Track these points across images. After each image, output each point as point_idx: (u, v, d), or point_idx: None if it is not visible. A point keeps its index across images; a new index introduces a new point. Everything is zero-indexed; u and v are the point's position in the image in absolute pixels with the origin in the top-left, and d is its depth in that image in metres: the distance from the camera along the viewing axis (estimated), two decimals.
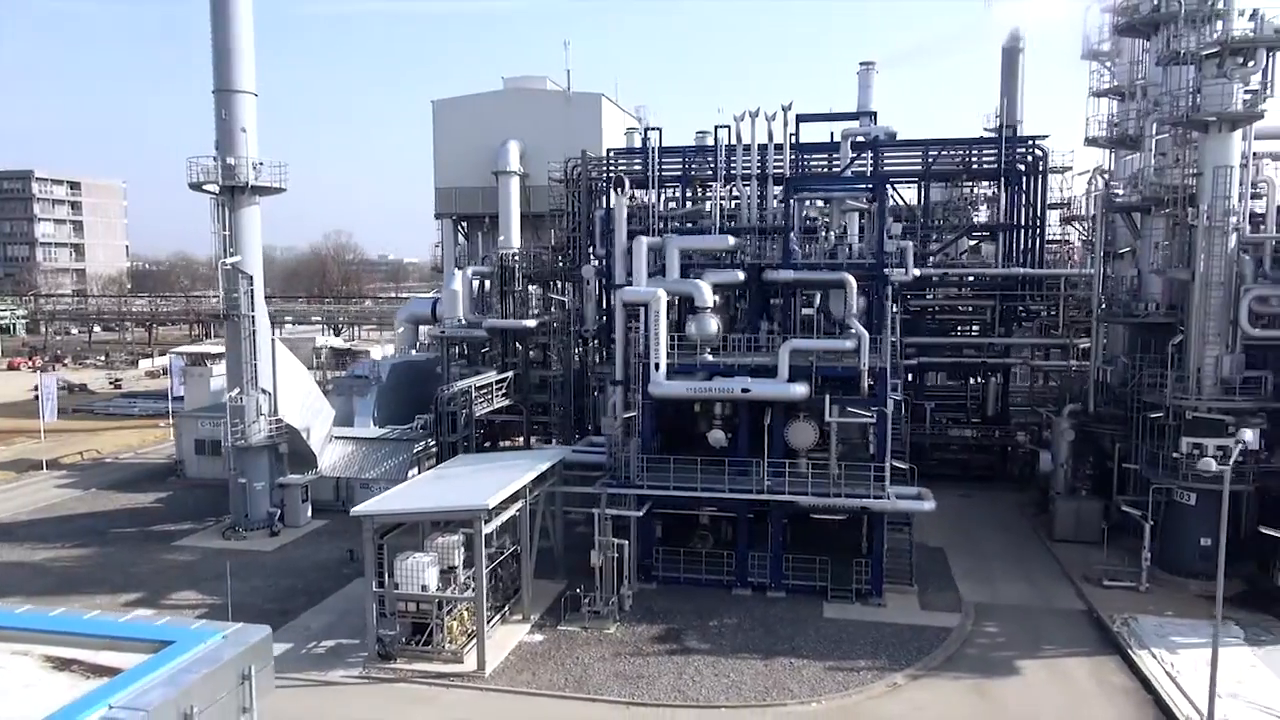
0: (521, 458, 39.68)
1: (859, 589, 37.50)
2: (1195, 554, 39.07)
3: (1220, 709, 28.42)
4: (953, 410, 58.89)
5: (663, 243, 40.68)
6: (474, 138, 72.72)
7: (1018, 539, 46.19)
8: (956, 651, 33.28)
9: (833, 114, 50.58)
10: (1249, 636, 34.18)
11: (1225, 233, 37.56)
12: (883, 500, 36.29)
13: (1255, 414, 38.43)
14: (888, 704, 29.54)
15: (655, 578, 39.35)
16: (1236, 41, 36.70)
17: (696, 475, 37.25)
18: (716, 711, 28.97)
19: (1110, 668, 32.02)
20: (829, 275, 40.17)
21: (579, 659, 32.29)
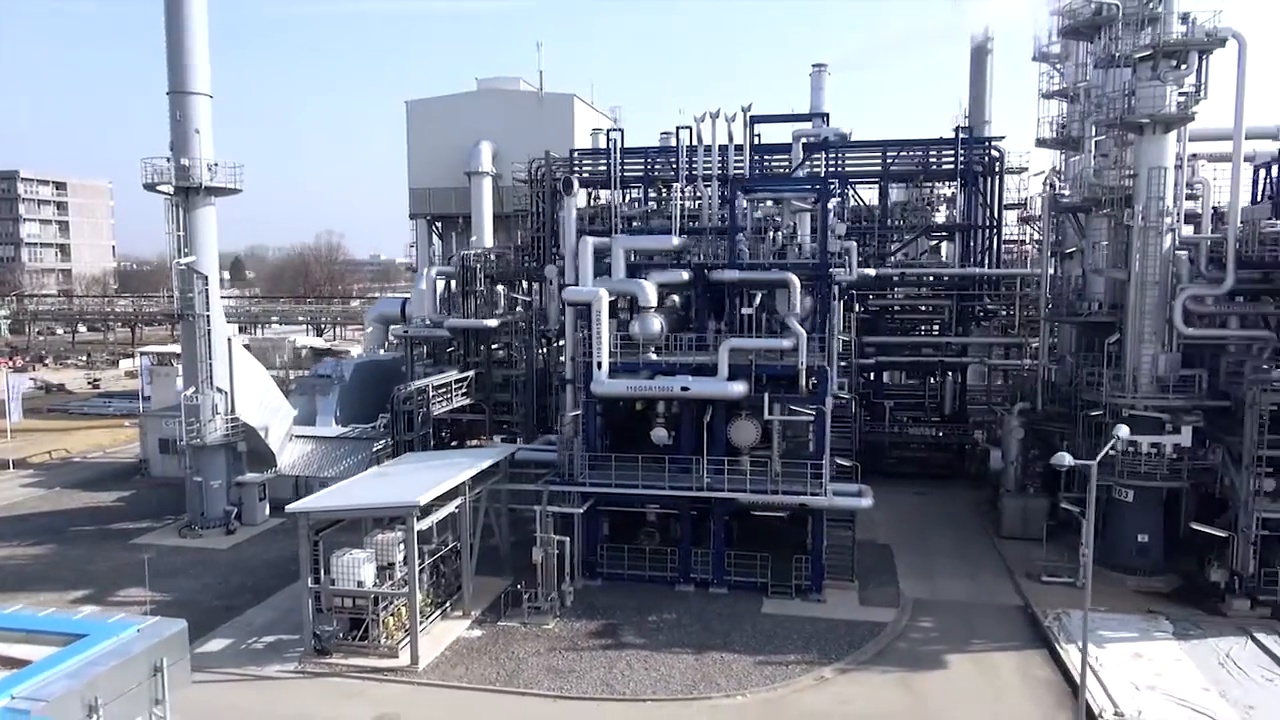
0: (465, 455, 40.11)
1: (799, 585, 37.95)
2: (1133, 550, 39.63)
3: (1137, 701, 29.13)
4: (912, 409, 59.39)
5: (609, 243, 41.10)
6: (447, 138, 72.98)
7: (966, 536, 46.68)
8: (888, 646, 33.76)
9: (786, 115, 51.06)
10: (1178, 630, 34.69)
11: (1160, 233, 38.06)
12: (820, 497, 36.74)
13: (1190, 412, 38.93)
14: (813, 697, 30.01)
15: (600, 574, 39.79)
16: (1169, 45, 37.22)
17: (638, 473, 37.78)
18: (642, 705, 29.43)
19: (1037, 661, 32.54)
20: (773, 275, 40.57)
21: (514, 654, 32.74)
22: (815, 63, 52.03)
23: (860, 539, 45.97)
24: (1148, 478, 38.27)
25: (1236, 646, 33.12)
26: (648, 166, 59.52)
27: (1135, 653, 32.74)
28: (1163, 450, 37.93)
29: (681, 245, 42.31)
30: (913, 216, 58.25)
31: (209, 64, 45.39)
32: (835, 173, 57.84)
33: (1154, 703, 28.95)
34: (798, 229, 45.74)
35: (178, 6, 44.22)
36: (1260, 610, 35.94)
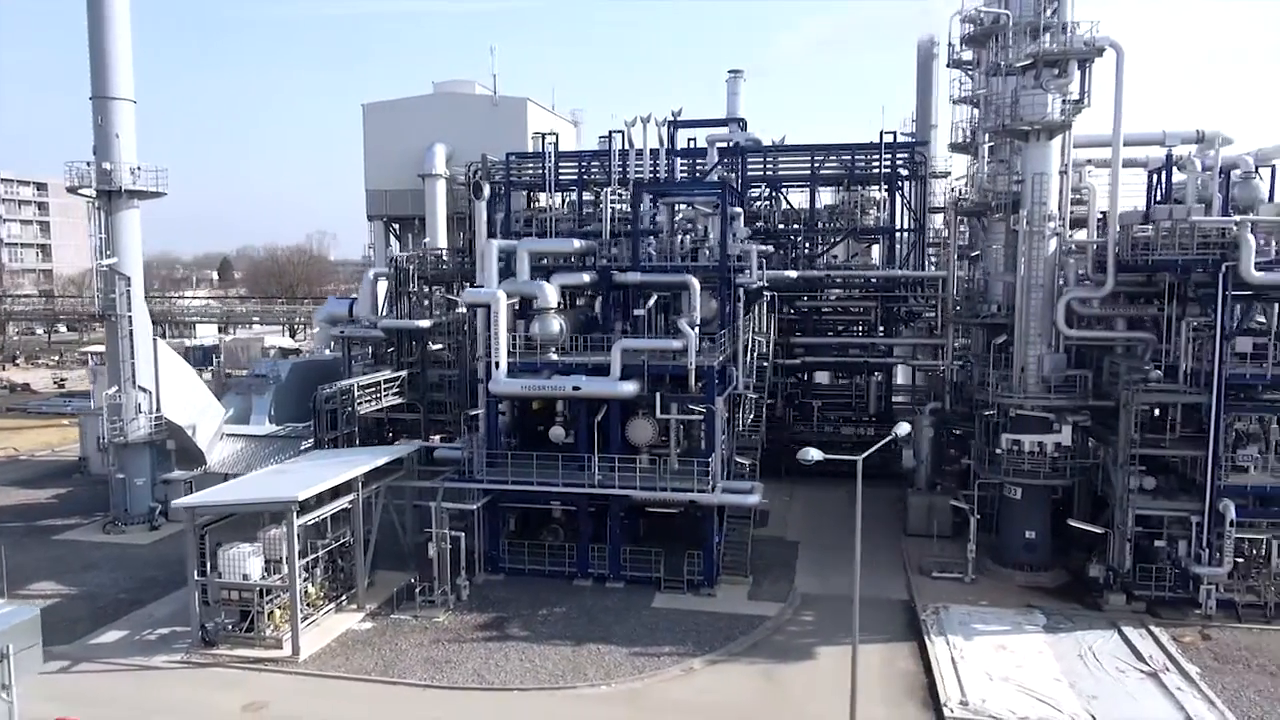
0: (368, 453, 41.00)
1: (692, 580, 38.91)
2: (1021, 547, 40.57)
3: (986, 691, 30.08)
4: (842, 409, 60.27)
5: (513, 246, 42.04)
6: (403, 141, 74.03)
7: (876, 534, 47.29)
8: (765, 639, 34.71)
9: (704, 121, 52.01)
10: (1049, 624, 35.61)
11: (1044, 237, 39.00)
12: (708, 494, 37.68)
13: (1077, 411, 39.90)
14: (675, 687, 30.96)
15: (503, 569, 40.78)
16: (1049, 54, 38.17)
17: (533, 470, 38.73)
18: (508, 694, 30.39)
19: (903, 653, 33.48)
20: (673, 278, 41.56)
21: (397, 645, 33.70)
22: (731, 69, 53.12)
23: (770, 536, 47.38)
24: (1031, 476, 39.22)
25: (1102, 640, 34.04)
26: (581, 170, 60.47)
27: (1000, 645, 33.67)
28: (1045, 449, 38.86)
29: (583, 248, 43.25)
30: (841, 219, 59.18)
31: (132, 70, 46.31)
32: (764, 177, 59.03)
33: (1002, 692, 29.87)
34: (709, 232, 46.75)
35: (99, 14, 45.15)
36: (1135, 605, 36.87)
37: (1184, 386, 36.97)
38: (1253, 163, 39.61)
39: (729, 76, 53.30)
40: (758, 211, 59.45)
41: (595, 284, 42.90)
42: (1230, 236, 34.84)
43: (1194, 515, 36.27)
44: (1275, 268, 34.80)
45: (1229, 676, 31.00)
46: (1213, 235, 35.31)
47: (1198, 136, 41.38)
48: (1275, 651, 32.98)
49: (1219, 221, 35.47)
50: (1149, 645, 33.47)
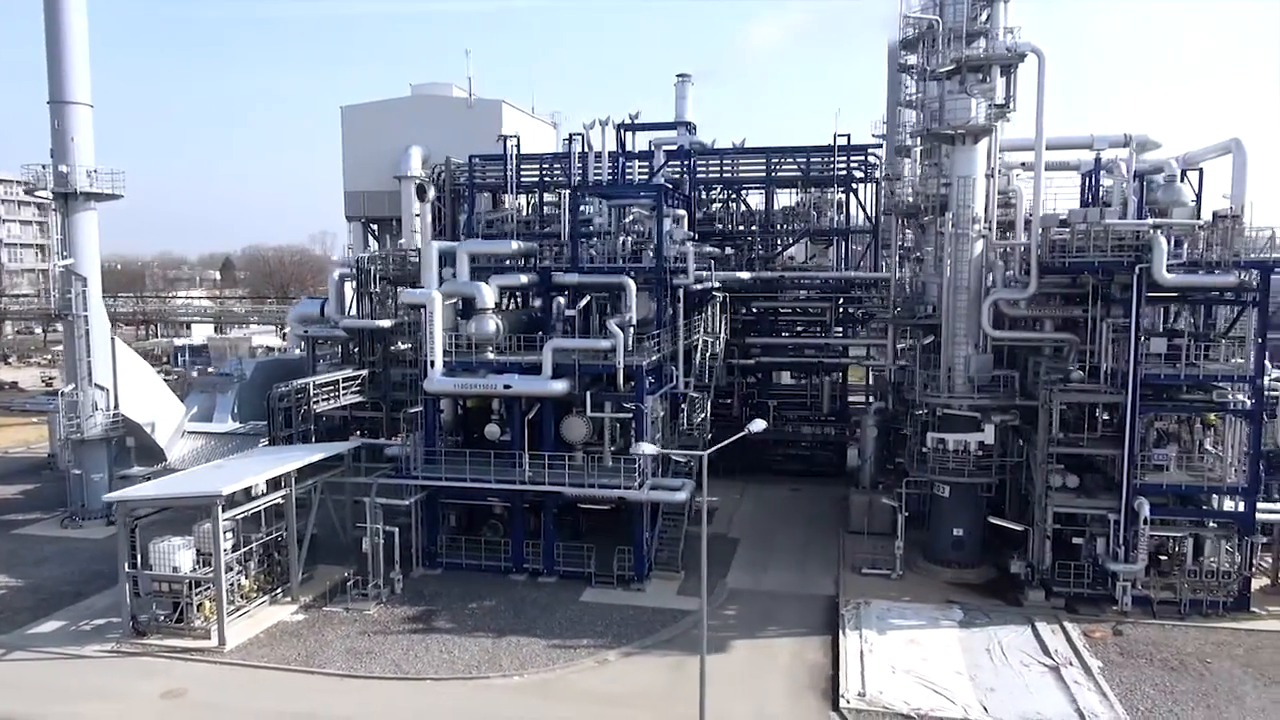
0: (306, 450, 41.91)
1: (622, 575, 39.71)
2: (949, 543, 41.23)
3: (886, 683, 30.83)
4: (799, 408, 60.95)
5: (453, 248, 42.93)
6: (381, 142, 74.79)
7: (818, 531, 48.18)
8: (684, 632, 35.43)
9: (654, 124, 52.77)
10: (965, 619, 36.28)
11: (970, 240, 39.68)
12: (635, 491, 38.47)
13: (1006, 411, 40.53)
14: (585, 677, 31.77)
15: (441, 564, 41.67)
16: (972, 60, 38.87)
17: (466, 467, 39.60)
18: (421, 683, 31.26)
19: (815, 646, 34.18)
20: (610, 279, 42.39)
21: (323, 637, 34.62)
22: (679, 73, 53.92)
23: (713, 533, 47.82)
24: (956, 474, 39.89)
25: (1013, 635, 34.71)
26: (542, 173, 61.33)
27: (912, 639, 34.37)
28: (968, 448, 39.53)
29: (522, 250, 44.11)
30: (796, 221, 59.90)
31: (88, 75, 47.41)
32: (721, 179, 59.82)
33: (901, 684, 30.58)
34: (653, 233, 47.45)
35: (56, 20, 46.24)
36: (1055, 601, 37.49)
37: (1104, 386, 37.65)
38: (1177, 166, 40.16)
39: (677, 80, 54.14)
40: (714, 214, 60.18)
41: (535, 284, 43.74)
42: (1144, 239, 35.49)
43: (1111, 513, 36.91)
44: (1187, 270, 35.37)
45: (1129, 671, 31.63)
46: (1127, 238, 35.96)
47: (1125, 140, 41.94)
48: (1181, 647, 33.59)
49: (1132, 225, 36.10)
50: (1059, 640, 34.13)
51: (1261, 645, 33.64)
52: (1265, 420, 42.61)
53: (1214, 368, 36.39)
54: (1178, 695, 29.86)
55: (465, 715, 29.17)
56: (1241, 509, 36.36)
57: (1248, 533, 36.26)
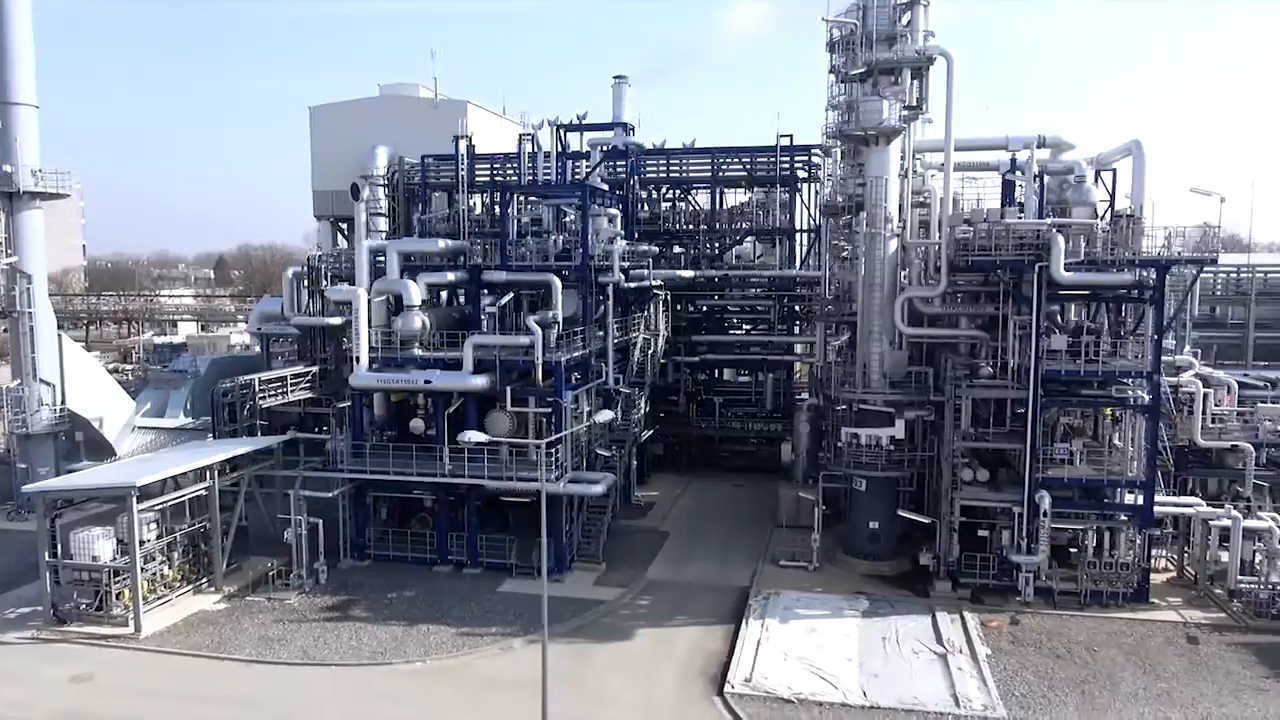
0: (233, 443, 42.76)
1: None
2: (865, 536, 42.07)
3: (774, 669, 31.67)
4: (746, 405, 61.82)
5: (383, 246, 43.83)
6: (349, 142, 75.60)
7: (750, 525, 48.97)
8: (593, 621, 36.36)
9: (592, 124, 53.67)
10: (870, 610, 37.13)
11: (884, 239, 40.53)
12: (552, 484, 39.31)
13: (922, 406, 41.36)
14: (488, 663, 32.67)
15: (369, 555, 42.59)
16: (883, 62, 39.71)
17: (389, 460, 40.51)
18: (325, 669, 32.18)
19: (717, 635, 34.98)
20: (536, 276, 43.28)
21: (239, 624, 35.55)
22: (616, 75, 54.85)
23: (646, 526, 49.18)
24: (870, 468, 40.72)
25: (912, 624, 35.57)
26: (493, 172, 62.23)
27: (812, 628, 35.24)
28: (880, 442, 40.36)
29: (452, 248, 44.94)
30: (742, 220, 60.80)
31: (34, 76, 48.36)
32: (668, 178, 60.72)
33: (789, 670, 31.43)
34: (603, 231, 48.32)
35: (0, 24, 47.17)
36: (961, 592, 38.39)
37: (1011, 383, 38.50)
38: (1086, 166, 40.94)
39: (614, 82, 55.04)
40: (661, 213, 61.08)
41: (465, 282, 44.65)
42: (1043, 238, 36.32)
43: (1015, 506, 37.75)
44: (1085, 268, 36.19)
45: (1015, 659, 32.48)
46: (1028, 237, 36.78)
47: (1039, 141, 42.73)
48: (1073, 636, 34.43)
49: (1031, 224, 36.91)
50: (955, 629, 34.97)
51: (1151, 635, 34.47)
52: (1180, 415, 43.75)
53: (1117, 364, 37.27)
54: (1055, 682, 30.69)
55: (358, 698, 30.07)
56: (1141, 502, 37.19)
57: (1146, 525, 37.09)
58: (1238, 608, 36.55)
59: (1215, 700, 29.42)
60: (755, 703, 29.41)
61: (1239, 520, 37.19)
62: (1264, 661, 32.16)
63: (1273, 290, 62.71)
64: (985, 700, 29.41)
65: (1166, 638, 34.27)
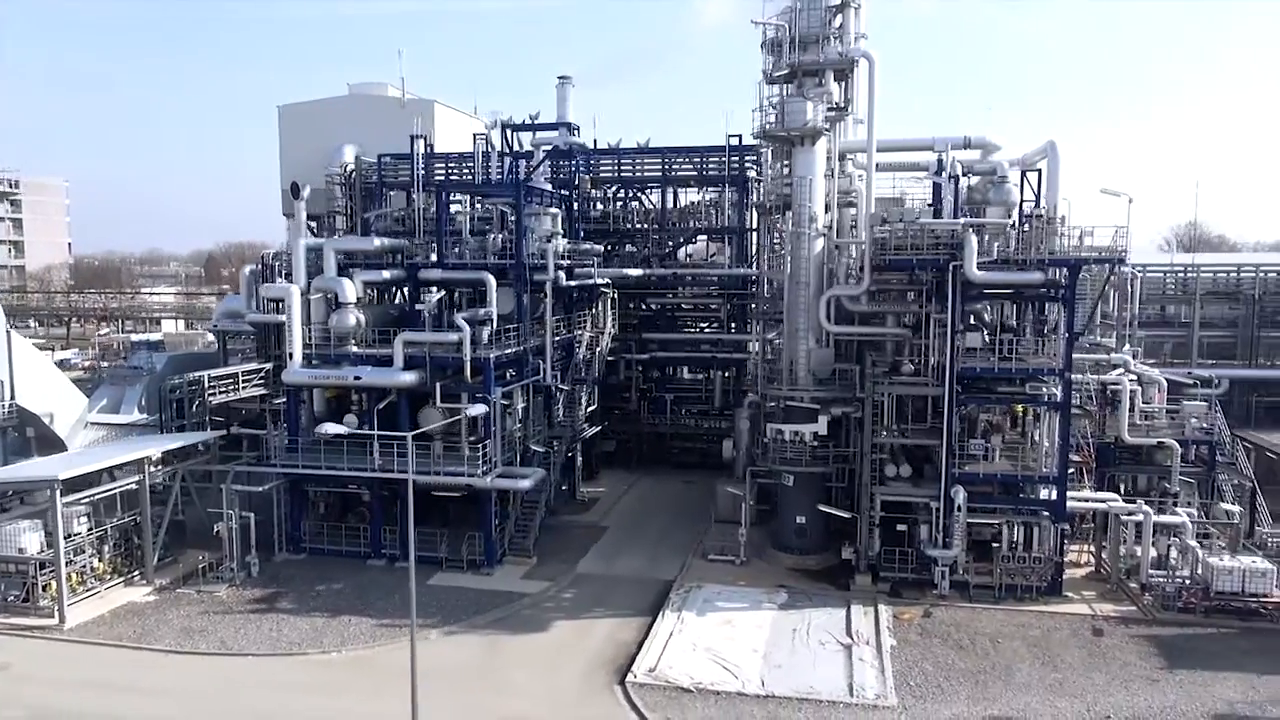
0: (167, 438, 43.39)
1: (473, 560, 41.24)
2: (793, 531, 42.70)
3: (680, 661, 32.31)
4: (698, 402, 62.39)
5: (320, 244, 44.45)
6: (318, 141, 76.14)
7: (690, 521, 49.44)
8: (513, 613, 36.98)
9: (537, 124, 54.24)
10: (788, 602, 37.77)
11: (810, 238, 41.17)
12: (478, 479, 39.97)
13: (848, 402, 41.97)
14: (399, 654, 32.46)
15: (305, 548, 43.23)
16: (806, 64, 40.35)
17: (321, 455, 41.14)
18: (241, 659, 32.80)
19: (633, 627, 35.56)
20: (471, 274, 43.91)
21: (165, 616, 36.17)
22: (560, 75, 55.47)
23: (586, 521, 49.84)
24: (794, 464, 41.35)
25: (825, 616, 36.18)
26: (448, 171, 62.85)
27: (728, 620, 35.86)
28: (803, 438, 40.98)
29: (388, 246, 45.63)
30: (692, 219, 61.42)
31: None
32: (618, 178, 61.32)
33: (694, 661, 32.03)
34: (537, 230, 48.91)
35: None
36: (881, 585, 39.03)
37: (931, 380, 39.14)
38: (1009, 167, 41.55)
39: (558, 83, 55.67)
40: (613, 212, 61.69)
41: (402, 280, 45.29)
42: (957, 238, 36.95)
43: (933, 501, 38.39)
44: (996, 267, 36.82)
45: (918, 650, 33.12)
46: (943, 236, 37.42)
47: (965, 142, 43.37)
48: (982, 628, 35.08)
49: (945, 224, 37.56)
50: (867, 622, 35.60)
51: (1058, 628, 35.12)
52: (1106, 411, 44.47)
53: (1030, 362, 37.92)
54: (953, 672, 31.33)
55: (270, 688, 30.68)
56: (1053, 497, 37.86)
57: (1059, 520, 37.74)
58: (1148, 601, 37.21)
59: (1104, 690, 30.08)
60: (654, 692, 30.04)
61: (1150, 515, 37.83)
62: (1162, 653, 32.82)
63: (1222, 290, 63.53)
64: (879, 690, 30.05)
65: (1072, 630, 34.92)
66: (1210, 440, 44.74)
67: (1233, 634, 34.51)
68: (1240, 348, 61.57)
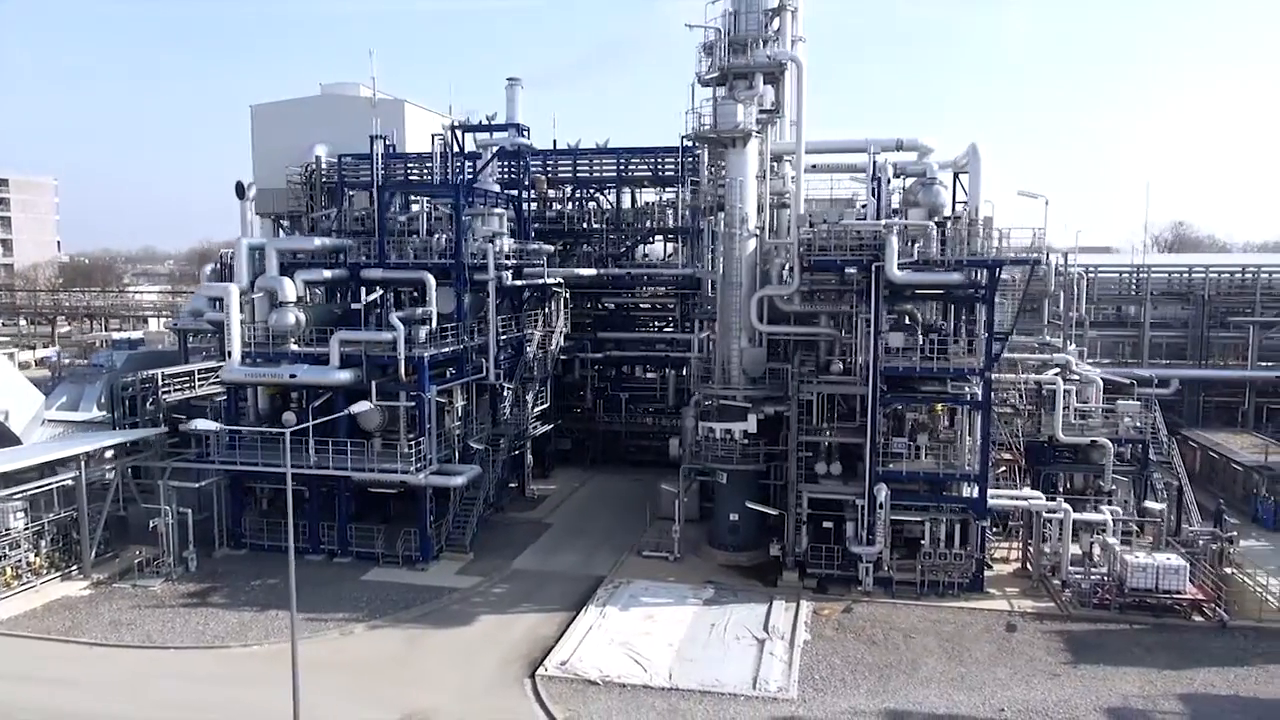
0: (104, 435, 43.97)
1: (409, 555, 41.80)
2: (726, 528, 43.23)
3: (593, 654, 32.87)
4: (650, 400, 62.85)
5: (262, 244, 45.00)
6: (290, 140, 76.76)
7: (636, 518, 49.78)
8: (441, 608, 37.53)
9: (486, 125, 54.72)
10: (713, 598, 38.28)
11: (741, 238, 41.70)
12: (411, 475, 40.51)
13: (780, 401, 42.48)
14: (322, 647, 33.69)
15: (245, 544, 43.80)
16: (735, 68, 40.88)
17: (258, 452, 41.71)
18: (164, 651, 33.41)
19: (556, 621, 36.05)
20: (411, 274, 44.47)
21: (96, 610, 36.75)
22: (509, 77, 56.00)
23: (531, 519, 50.46)
24: (725, 461, 41.89)
25: (746, 612, 36.67)
26: (406, 172, 63.44)
27: (650, 615, 36.41)
28: (734, 436, 41.51)
29: (330, 245, 46.18)
30: (646, 219, 61.95)
31: None
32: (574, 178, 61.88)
33: (607, 655, 32.56)
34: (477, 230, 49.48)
35: None
36: (808, 581, 39.54)
37: (857, 379, 39.67)
38: (938, 169, 42.05)
39: (507, 84, 56.16)
40: (567, 213, 62.24)
41: (344, 279, 45.86)
42: (880, 239, 37.46)
43: (859, 499, 38.92)
44: (917, 268, 37.33)
45: (831, 645, 33.65)
46: (866, 237, 37.95)
47: (897, 144, 43.87)
48: (897, 623, 35.59)
49: (869, 225, 38.10)
50: (786, 617, 36.10)
51: (973, 623, 35.64)
52: (1040, 412, 45.01)
53: (951, 361, 38.42)
54: (859, 666, 31.85)
55: (181, 677, 31.29)
56: (975, 495, 38.39)
57: (979, 517, 38.26)
58: (1067, 597, 37.72)
59: (1004, 684, 30.59)
60: (561, 685, 30.59)
61: (1069, 513, 38.37)
62: (1069, 648, 33.35)
63: (1174, 291, 64.00)
64: (782, 683, 30.58)
65: (987, 625, 35.44)
66: (1143, 439, 45.28)
67: (1144, 630, 35.01)
68: (1191, 348, 62.03)
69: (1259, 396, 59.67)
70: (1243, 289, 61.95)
